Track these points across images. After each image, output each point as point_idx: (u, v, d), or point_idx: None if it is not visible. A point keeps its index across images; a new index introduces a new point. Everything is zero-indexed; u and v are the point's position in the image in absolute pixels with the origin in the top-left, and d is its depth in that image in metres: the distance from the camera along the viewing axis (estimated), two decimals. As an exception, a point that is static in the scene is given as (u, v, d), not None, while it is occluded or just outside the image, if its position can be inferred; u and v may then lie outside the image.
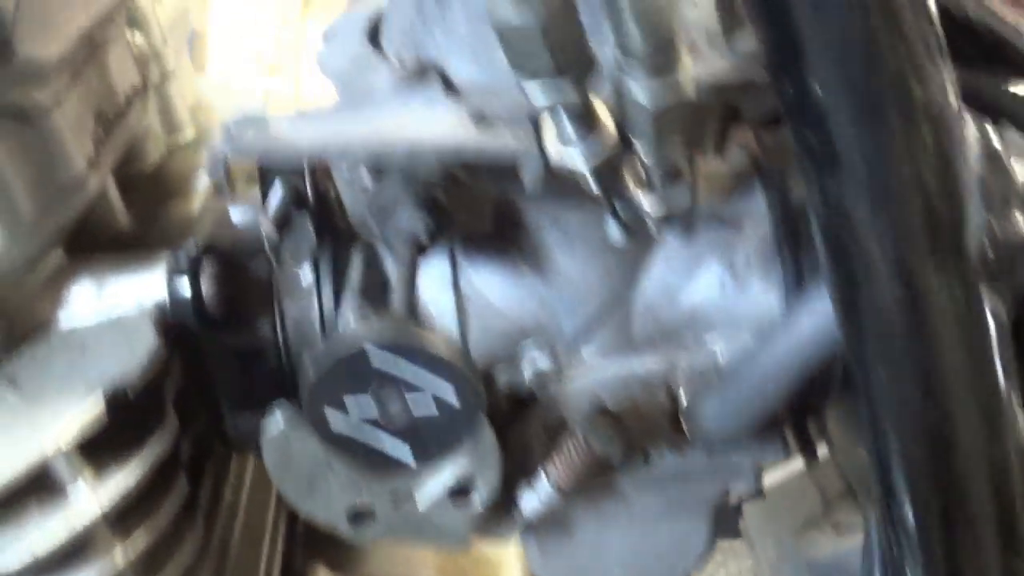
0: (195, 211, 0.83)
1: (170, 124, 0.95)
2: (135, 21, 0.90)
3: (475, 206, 0.73)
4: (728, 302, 0.77)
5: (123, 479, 0.66)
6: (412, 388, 0.55)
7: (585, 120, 0.56)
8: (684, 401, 0.75)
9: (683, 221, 0.75)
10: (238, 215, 0.81)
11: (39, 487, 0.66)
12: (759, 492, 0.81)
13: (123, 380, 0.66)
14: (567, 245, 0.75)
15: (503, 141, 0.59)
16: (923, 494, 0.61)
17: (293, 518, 1.12)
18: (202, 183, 0.86)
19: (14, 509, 0.65)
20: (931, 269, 0.56)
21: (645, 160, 0.58)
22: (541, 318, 0.77)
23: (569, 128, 0.57)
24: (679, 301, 0.78)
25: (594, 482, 0.77)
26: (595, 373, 0.77)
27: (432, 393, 0.55)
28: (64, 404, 0.65)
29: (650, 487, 0.80)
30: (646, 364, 0.77)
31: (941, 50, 0.55)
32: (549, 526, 0.82)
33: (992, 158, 0.59)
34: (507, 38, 0.50)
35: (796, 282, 0.76)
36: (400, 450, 0.58)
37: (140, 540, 0.69)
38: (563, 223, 0.74)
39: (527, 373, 0.76)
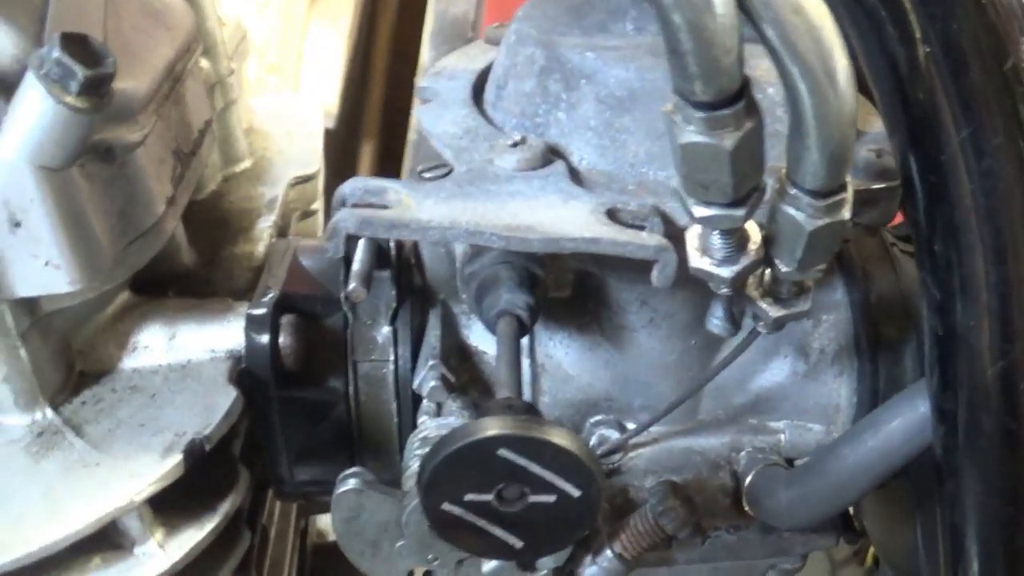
0: (259, 252, 0.81)
1: (228, 154, 0.92)
2: (205, 48, 0.87)
3: (559, 274, 0.73)
4: (798, 390, 0.77)
5: (194, 536, 0.65)
6: (534, 477, 0.54)
7: (736, 239, 0.56)
8: (746, 482, 0.76)
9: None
10: (309, 261, 0.79)
11: (104, 541, 0.64)
12: (801, 568, 0.82)
13: (201, 434, 0.64)
14: (651, 326, 0.74)
15: (641, 240, 0.58)
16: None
17: (302, 543, 1.10)
18: (264, 226, 0.84)
19: (77, 563, 0.64)
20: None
21: (781, 275, 0.58)
22: (612, 391, 0.77)
23: (719, 243, 0.56)
24: (749, 384, 0.78)
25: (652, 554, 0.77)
26: (660, 447, 0.77)
27: (554, 483, 0.55)
28: (136, 456, 0.63)
29: (703, 562, 0.80)
30: (711, 442, 0.77)
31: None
32: (599, 595, 0.82)
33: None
34: (691, 160, 0.50)
35: (872, 377, 0.76)
36: (511, 536, 0.57)
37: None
38: (651, 305, 0.73)
39: (594, 443, 0.76)
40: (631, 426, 0.77)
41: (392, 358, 0.74)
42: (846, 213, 0.53)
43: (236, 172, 0.92)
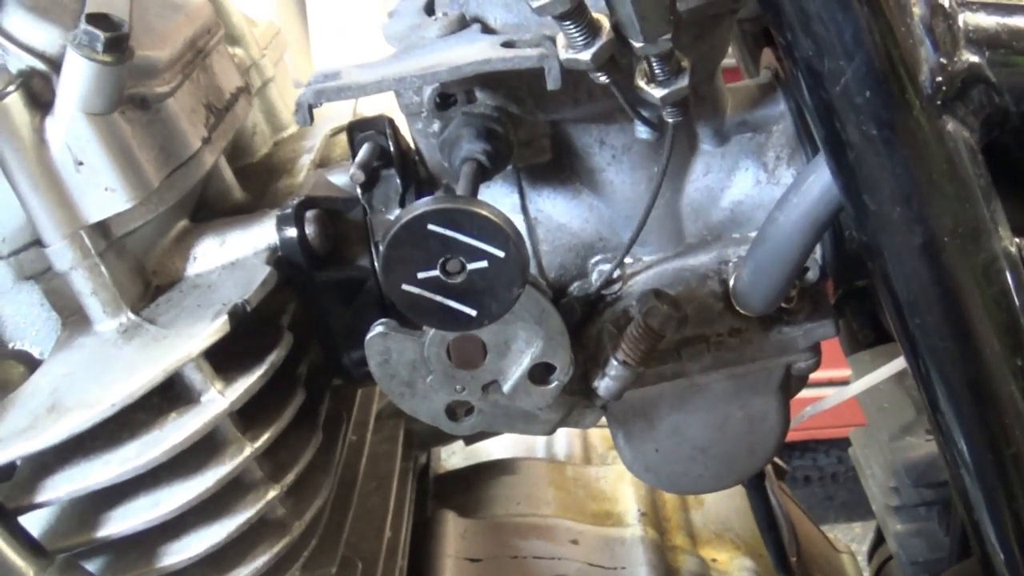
0: (299, 182, 1.01)
1: (274, 123, 1.14)
2: (233, 39, 1.10)
3: (534, 140, 0.88)
4: (764, 195, 0.90)
5: (246, 382, 0.83)
6: (464, 245, 0.70)
7: (586, 27, 0.71)
8: (730, 283, 0.89)
9: (716, 130, 0.90)
10: (336, 178, 0.98)
11: (176, 398, 0.83)
12: (817, 364, 0.93)
13: (242, 299, 0.82)
14: (615, 162, 0.89)
15: (526, 54, 0.74)
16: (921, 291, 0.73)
17: (424, 474, 1.28)
18: (304, 162, 1.04)
19: (155, 419, 0.82)
20: (897, 107, 0.69)
21: (642, 54, 0.73)
22: (601, 230, 0.91)
23: (575, 34, 0.72)
24: (721, 201, 0.91)
25: (662, 364, 0.91)
26: (653, 271, 0.91)
27: (481, 247, 0.70)
28: (194, 325, 0.82)
29: (717, 370, 0.93)
30: (699, 259, 0.91)
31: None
32: (631, 419, 0.95)
33: (938, 9, 0.71)
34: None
35: (817, 165, 0.89)
36: (464, 305, 0.73)
37: (264, 437, 0.85)
38: (608, 142, 0.88)
39: (594, 279, 0.91)
40: (628, 260, 0.92)
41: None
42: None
43: (283, 137, 1.13)
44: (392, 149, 0.91)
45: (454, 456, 1.47)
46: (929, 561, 1.32)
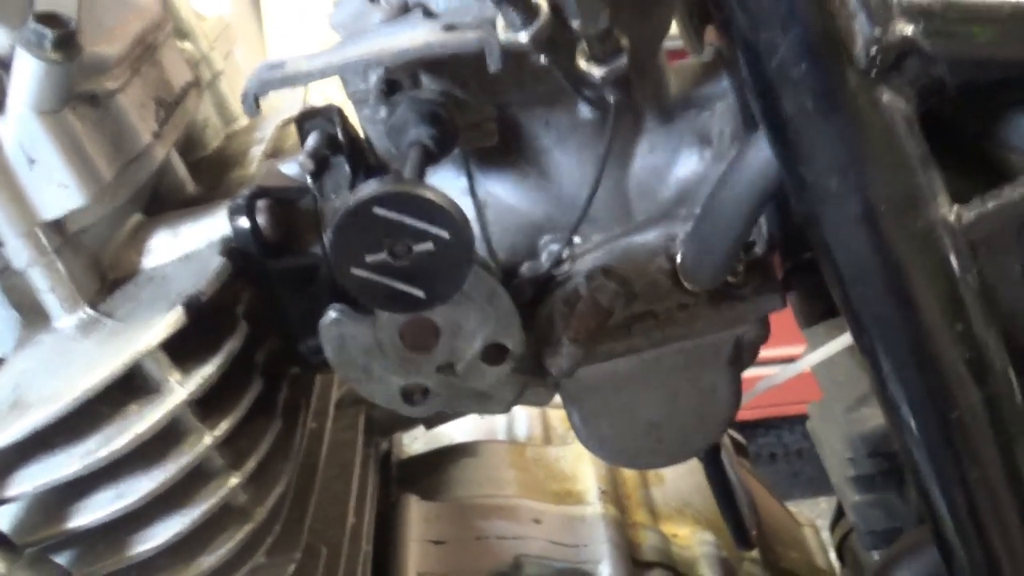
0: (250, 173, 1.02)
1: (225, 115, 1.15)
2: (183, 33, 1.10)
3: (481, 123, 0.89)
4: (710, 172, 0.91)
5: (204, 372, 0.84)
6: (409, 228, 0.71)
7: (524, 8, 0.73)
8: (677, 259, 0.90)
9: (660, 109, 0.92)
10: (288, 168, 0.99)
11: (137, 390, 0.84)
12: (766, 337, 0.95)
13: (197, 290, 0.83)
14: (560, 143, 0.90)
15: (466, 37, 0.76)
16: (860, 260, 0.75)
17: (386, 460, 1.29)
18: (255, 153, 1.05)
19: (118, 409, 0.84)
20: (832, 78, 0.71)
21: (581, 34, 0.74)
22: (550, 211, 0.93)
23: (513, 16, 0.73)
24: (668, 179, 0.93)
25: (613, 340, 0.92)
26: (602, 250, 0.92)
27: (426, 229, 0.71)
28: (151, 318, 0.83)
29: (666, 345, 0.94)
30: (647, 236, 0.92)
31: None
32: (584, 396, 0.97)
33: (872, -20, 0.73)
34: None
35: (760, 143, 0.91)
36: (412, 288, 0.74)
37: (223, 425, 0.87)
38: (554, 123, 0.89)
39: (544, 259, 0.92)
40: (577, 240, 0.93)
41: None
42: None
43: (235, 130, 1.15)
44: (341, 136, 0.91)
45: (416, 442, 1.48)
46: (887, 530, 1.34)
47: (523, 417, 1.52)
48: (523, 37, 0.73)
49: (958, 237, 0.76)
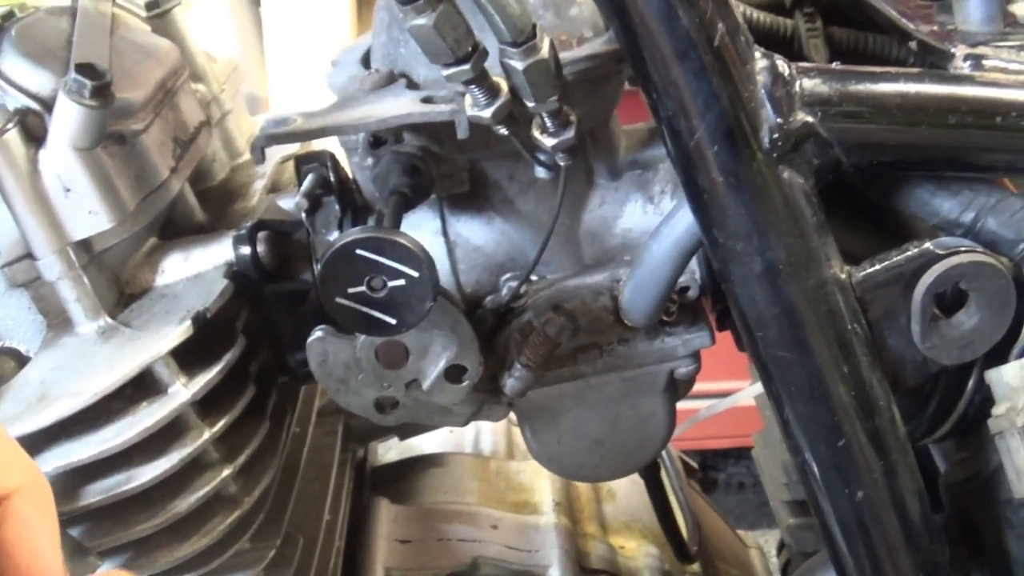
0: (252, 205, 1.20)
1: (231, 150, 1.33)
2: (196, 76, 1.28)
3: (454, 173, 1.07)
4: (651, 224, 1.08)
5: (206, 377, 1.01)
6: (385, 267, 0.89)
7: (487, 90, 0.91)
8: (620, 300, 1.08)
9: (610, 168, 1.10)
10: (285, 204, 1.17)
11: (147, 390, 1.01)
12: (697, 369, 1.13)
13: (204, 307, 1.01)
14: (522, 194, 1.08)
15: (440, 109, 0.94)
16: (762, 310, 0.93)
17: (361, 466, 1.47)
18: (257, 187, 1.23)
19: (128, 407, 1.00)
20: (740, 159, 0.88)
21: (534, 112, 0.92)
22: (512, 252, 1.10)
23: (479, 95, 0.91)
24: (614, 228, 1.10)
25: (561, 367, 1.10)
26: (554, 288, 1.10)
27: (399, 268, 0.89)
28: (163, 329, 1.00)
29: (608, 373, 1.12)
30: (594, 278, 1.09)
31: (732, 14, 0.88)
32: (536, 414, 1.14)
33: (779, 78, 0.91)
34: (417, 38, 0.85)
35: (694, 201, 1.08)
36: (386, 316, 0.92)
37: (220, 424, 1.03)
38: (516, 178, 1.07)
39: (504, 294, 1.10)
40: (534, 278, 1.11)
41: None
42: (544, 52, 0.87)
43: (239, 163, 1.33)
44: (333, 179, 1.09)
45: (390, 452, 1.66)
46: (817, 552, 1.51)
47: (488, 433, 1.69)
48: (486, 113, 0.90)
49: (847, 293, 0.93)
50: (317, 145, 1.11)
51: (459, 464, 1.54)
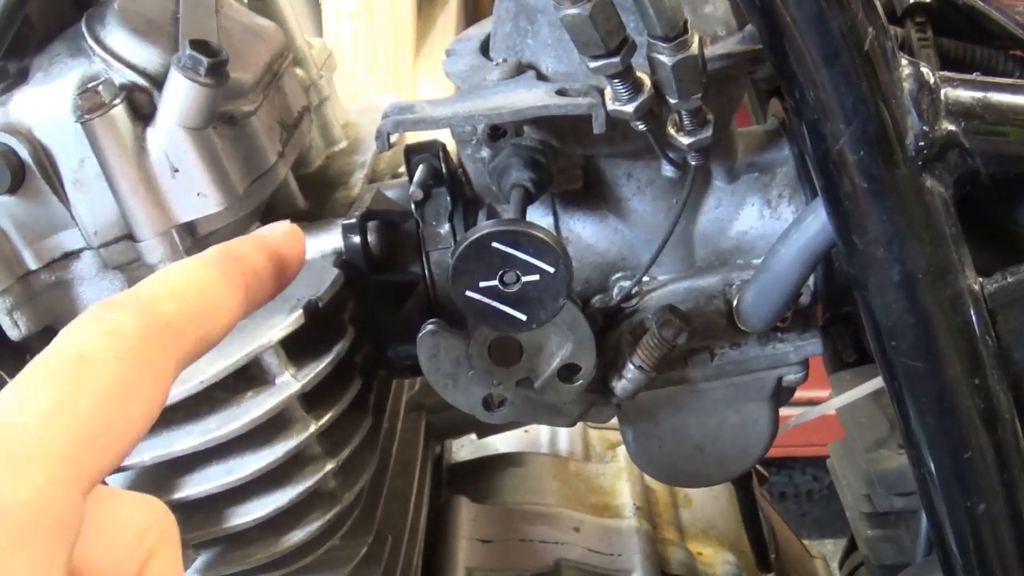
0: (354, 194, 1.19)
1: (328, 138, 1.32)
2: (297, 60, 1.28)
3: (568, 169, 1.07)
4: (767, 228, 1.09)
5: (316, 368, 1.00)
6: (520, 261, 0.89)
7: (631, 84, 0.90)
8: (734, 303, 1.08)
9: (728, 169, 1.10)
10: (391, 193, 1.17)
11: (252, 380, 1.00)
12: (805, 377, 1.13)
13: (315, 296, 1.01)
14: (639, 192, 1.08)
15: (578, 102, 0.93)
16: (895, 321, 0.93)
17: (438, 463, 1.47)
18: (358, 176, 1.23)
19: (235, 396, 1.00)
20: (885, 165, 0.89)
21: (675, 108, 0.92)
22: (624, 251, 1.10)
23: (621, 90, 0.91)
24: (729, 231, 1.10)
25: (671, 370, 1.10)
26: (667, 289, 1.10)
27: (535, 263, 0.89)
28: (273, 316, 0.99)
29: (717, 378, 1.12)
30: (707, 280, 1.10)
31: (879, 17, 0.88)
32: (639, 417, 1.14)
33: (924, 86, 0.91)
34: (570, 27, 0.85)
35: (814, 205, 1.08)
36: (517, 311, 0.92)
37: (325, 417, 1.03)
38: (635, 175, 1.07)
39: (615, 293, 1.10)
40: (645, 279, 1.11)
41: (452, 246, 1.10)
42: (694, 49, 0.87)
43: (336, 151, 1.32)
44: (444, 170, 1.09)
45: (463, 449, 1.66)
46: (895, 564, 1.51)
47: (565, 434, 1.70)
48: (628, 108, 0.90)
49: (980, 304, 0.93)
50: (425, 135, 1.11)
51: (538, 464, 1.55)
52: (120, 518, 0.59)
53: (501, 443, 1.63)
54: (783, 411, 1.19)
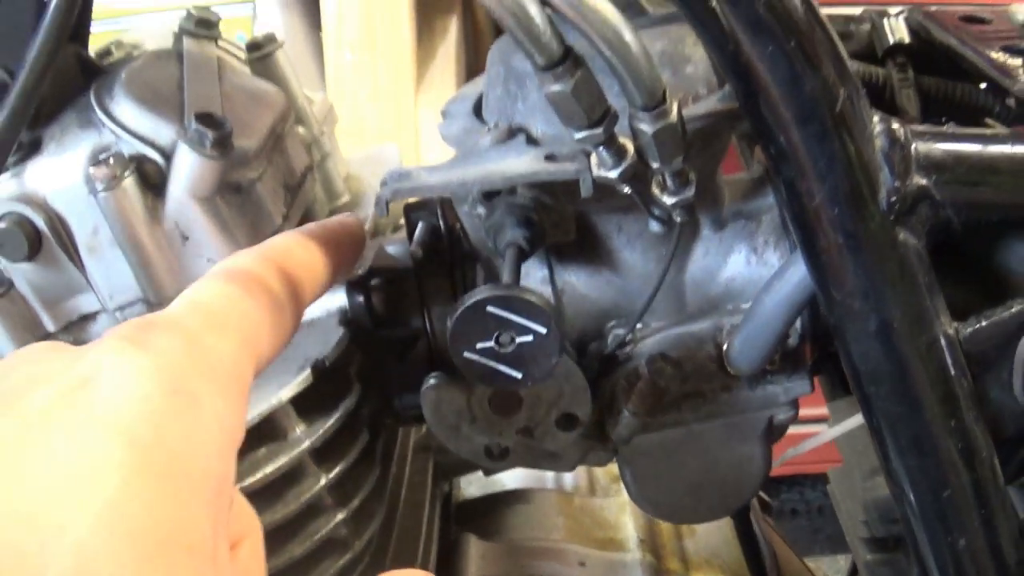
0: (357, 251, 1.26)
1: (331, 192, 1.37)
2: (297, 118, 1.34)
3: (562, 223, 1.12)
4: (754, 273, 1.13)
5: (325, 424, 1.06)
6: (514, 323, 0.94)
7: (615, 151, 0.96)
8: (724, 348, 1.13)
9: (715, 219, 1.15)
10: (391, 248, 1.22)
11: (268, 436, 1.05)
12: (795, 418, 1.18)
13: (322, 355, 1.06)
14: (630, 245, 1.13)
15: (565, 168, 0.99)
16: (875, 374, 0.98)
17: (447, 501, 1.52)
18: (359, 231, 1.29)
19: (251, 451, 1.05)
20: (859, 221, 0.93)
21: (658, 170, 0.97)
22: (617, 300, 1.15)
23: (606, 156, 0.96)
24: (718, 278, 1.15)
25: (665, 414, 1.15)
26: (659, 336, 1.15)
27: (528, 325, 0.94)
28: (283, 375, 1.04)
29: (711, 420, 1.17)
30: (698, 326, 1.14)
31: (852, 78, 0.93)
32: (637, 459, 1.19)
33: (896, 142, 0.95)
34: (554, 103, 0.90)
35: (798, 253, 1.13)
36: (512, 370, 0.97)
37: (336, 471, 1.08)
38: (625, 229, 1.12)
39: (610, 341, 1.15)
40: (638, 326, 1.16)
41: (452, 301, 1.15)
42: (672, 117, 0.92)
43: (338, 205, 1.37)
44: (443, 228, 1.14)
45: (471, 486, 1.71)
46: (895, 587, 1.57)
47: (570, 469, 1.75)
48: (613, 174, 0.95)
49: (955, 348, 0.98)
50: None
51: (544, 500, 1.60)
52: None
53: (508, 478, 1.68)
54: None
